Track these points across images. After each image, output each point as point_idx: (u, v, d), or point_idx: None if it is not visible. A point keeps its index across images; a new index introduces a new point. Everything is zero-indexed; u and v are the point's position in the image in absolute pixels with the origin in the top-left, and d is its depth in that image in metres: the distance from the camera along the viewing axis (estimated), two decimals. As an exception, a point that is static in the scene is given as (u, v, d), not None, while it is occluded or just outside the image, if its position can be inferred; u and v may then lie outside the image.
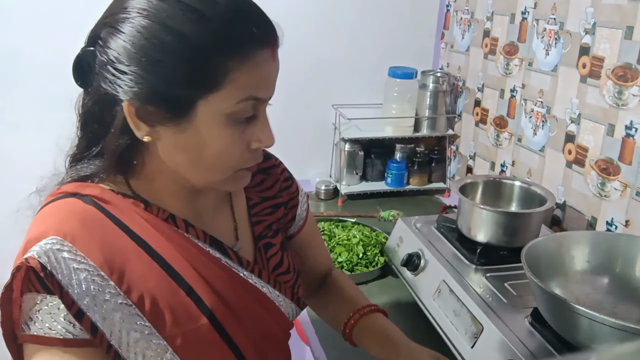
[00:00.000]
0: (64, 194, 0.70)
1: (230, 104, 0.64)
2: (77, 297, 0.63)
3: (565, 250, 1.03)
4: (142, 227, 0.69)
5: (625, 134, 1.21)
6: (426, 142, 2.00)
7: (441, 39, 2.04)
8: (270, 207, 0.87)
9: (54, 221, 0.66)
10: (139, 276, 0.66)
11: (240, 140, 0.67)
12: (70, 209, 0.68)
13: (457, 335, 1.04)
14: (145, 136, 0.65)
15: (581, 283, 1.00)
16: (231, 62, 0.62)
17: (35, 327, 0.63)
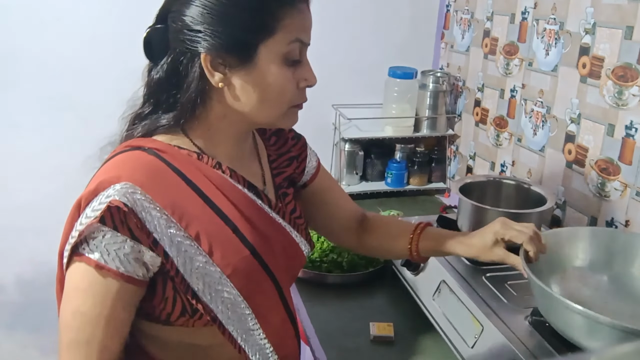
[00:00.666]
0: (130, 147, 0.82)
1: (284, 45, 0.79)
2: (151, 229, 0.75)
3: (564, 246, 1.03)
4: (195, 175, 0.81)
5: (625, 134, 1.21)
6: (426, 142, 2.00)
7: (441, 39, 2.04)
8: (286, 160, 1.01)
9: (125, 169, 0.78)
10: (194, 217, 0.79)
11: (293, 78, 0.82)
12: (137, 159, 0.80)
13: (457, 335, 1.04)
14: (220, 82, 0.79)
15: (578, 279, 1.00)
16: (282, 11, 0.78)
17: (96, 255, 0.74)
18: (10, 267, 1.91)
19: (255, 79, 0.79)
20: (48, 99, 1.78)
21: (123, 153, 0.81)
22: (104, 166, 0.81)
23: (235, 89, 0.80)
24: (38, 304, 1.98)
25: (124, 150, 0.82)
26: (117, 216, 0.73)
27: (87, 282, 0.75)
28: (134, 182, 0.75)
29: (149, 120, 0.83)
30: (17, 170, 1.81)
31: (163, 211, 0.76)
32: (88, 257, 0.74)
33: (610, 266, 1.02)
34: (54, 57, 1.75)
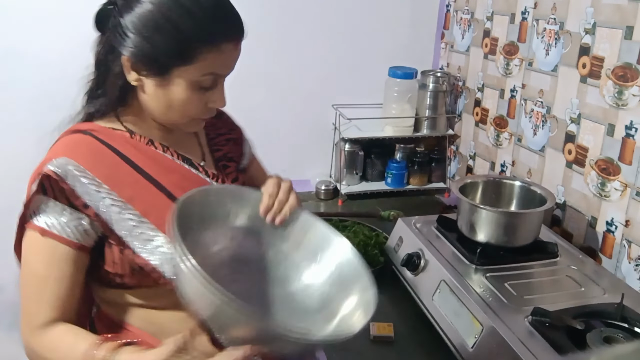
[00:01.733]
0: (71, 132, 0.94)
1: (197, 75, 0.87)
2: (80, 194, 0.86)
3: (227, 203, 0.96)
4: (128, 150, 0.92)
5: (625, 134, 1.21)
6: (426, 142, 2.00)
7: (441, 39, 2.04)
8: (225, 140, 1.12)
9: (64, 149, 0.89)
10: (127, 184, 0.90)
11: (200, 100, 0.91)
12: (76, 140, 0.91)
13: (457, 335, 1.04)
14: (134, 81, 0.89)
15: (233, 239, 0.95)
16: (204, 47, 0.86)
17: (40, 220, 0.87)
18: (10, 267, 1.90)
19: (164, 92, 0.89)
20: (47, 98, 1.78)
21: (65, 137, 0.93)
22: (51, 148, 0.93)
23: (147, 92, 0.90)
24: (38, 304, 1.98)
25: (65, 135, 0.94)
26: (53, 185, 0.85)
27: (35, 246, 0.88)
28: (69, 157, 0.87)
29: (88, 106, 0.96)
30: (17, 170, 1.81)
31: (94, 179, 0.87)
32: (34, 224, 0.88)
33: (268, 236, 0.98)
34: (53, 57, 1.75)
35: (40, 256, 0.88)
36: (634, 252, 1.20)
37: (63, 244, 0.87)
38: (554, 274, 1.17)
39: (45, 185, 0.86)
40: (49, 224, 0.87)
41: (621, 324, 0.98)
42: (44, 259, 0.88)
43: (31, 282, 0.91)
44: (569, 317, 0.96)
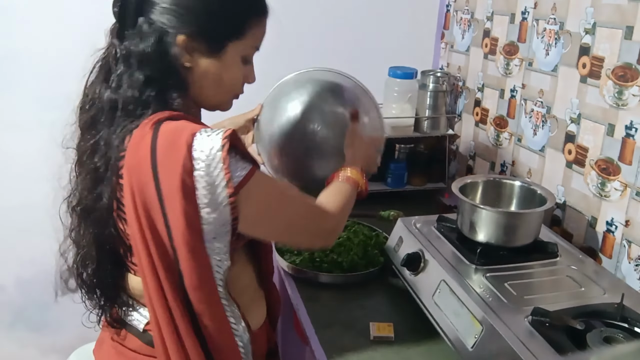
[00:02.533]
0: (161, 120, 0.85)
1: (247, 48, 0.95)
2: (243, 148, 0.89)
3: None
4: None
5: (625, 134, 1.21)
6: (426, 142, 2.00)
7: (441, 39, 2.04)
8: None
9: (191, 125, 0.84)
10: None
11: (243, 75, 0.97)
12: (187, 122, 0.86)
13: (457, 335, 1.04)
14: (187, 62, 0.90)
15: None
16: (254, 21, 0.93)
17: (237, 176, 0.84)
18: (10, 267, 1.91)
19: (217, 69, 0.92)
20: (48, 99, 1.78)
21: (165, 122, 0.84)
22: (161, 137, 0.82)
23: (198, 72, 0.92)
24: (38, 304, 1.98)
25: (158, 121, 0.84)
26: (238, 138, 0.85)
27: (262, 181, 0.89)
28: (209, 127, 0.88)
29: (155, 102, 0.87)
30: (17, 170, 1.81)
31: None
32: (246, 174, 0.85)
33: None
34: (54, 57, 1.75)
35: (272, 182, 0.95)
36: (634, 252, 1.20)
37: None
38: (554, 274, 1.17)
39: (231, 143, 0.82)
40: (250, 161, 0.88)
41: (621, 324, 0.98)
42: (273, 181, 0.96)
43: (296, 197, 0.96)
44: (569, 317, 0.96)
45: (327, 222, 1.00)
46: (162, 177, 0.82)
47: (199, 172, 0.81)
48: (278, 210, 0.93)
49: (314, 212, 0.98)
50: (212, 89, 0.94)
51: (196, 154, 0.81)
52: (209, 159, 0.81)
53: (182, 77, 0.91)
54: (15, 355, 2.03)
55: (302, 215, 0.97)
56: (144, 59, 0.87)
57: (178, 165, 0.80)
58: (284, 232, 0.97)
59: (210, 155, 0.81)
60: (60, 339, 2.01)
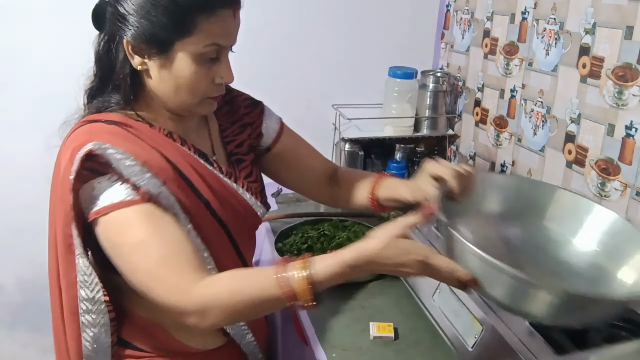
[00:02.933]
0: (88, 121, 0.90)
1: (200, 46, 0.86)
2: (128, 176, 0.83)
3: (481, 192, 1.00)
4: (154, 140, 0.90)
5: (625, 134, 1.21)
6: (426, 142, 2.00)
7: (441, 39, 2.04)
8: (238, 127, 1.09)
9: (92, 135, 0.85)
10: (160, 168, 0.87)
11: (207, 75, 0.89)
12: (100, 127, 0.87)
13: (457, 335, 1.04)
14: (139, 65, 0.88)
15: (493, 226, 0.99)
16: (201, 15, 0.85)
17: (108, 198, 0.83)
18: (10, 267, 1.91)
19: (170, 71, 0.88)
20: (47, 98, 1.78)
21: (83, 126, 0.89)
22: (69, 139, 0.89)
23: (154, 75, 0.89)
24: (38, 304, 1.98)
25: (82, 124, 0.90)
26: (95, 164, 0.83)
27: (118, 222, 0.83)
28: (103, 141, 0.83)
29: (100, 99, 0.93)
30: (17, 170, 1.81)
31: (136, 160, 0.84)
32: (99, 209, 0.83)
33: (521, 215, 1.00)
34: (54, 57, 1.75)
35: (133, 225, 0.82)
36: (634, 252, 1.20)
37: (138, 204, 0.83)
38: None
39: (88, 167, 0.83)
40: (113, 197, 0.83)
41: (621, 324, 0.98)
42: (138, 224, 0.82)
43: (139, 251, 0.82)
44: (569, 317, 0.96)
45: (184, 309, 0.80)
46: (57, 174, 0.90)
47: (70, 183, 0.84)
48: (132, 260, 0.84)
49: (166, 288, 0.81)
50: (172, 93, 0.90)
51: (74, 167, 0.84)
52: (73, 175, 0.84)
53: (137, 81, 0.90)
54: (15, 355, 2.03)
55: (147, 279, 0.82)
56: (96, 61, 0.92)
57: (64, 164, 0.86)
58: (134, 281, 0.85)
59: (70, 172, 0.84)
60: (60, 339, 2.02)
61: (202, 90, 0.91)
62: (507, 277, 0.74)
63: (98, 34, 0.92)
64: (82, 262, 0.90)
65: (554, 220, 0.99)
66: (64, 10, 1.73)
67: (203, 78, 0.89)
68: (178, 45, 0.86)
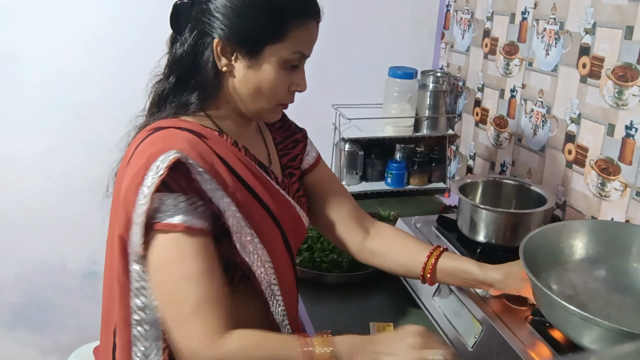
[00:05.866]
0: (162, 127, 0.88)
1: (287, 53, 0.88)
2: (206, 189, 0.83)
3: (563, 239, 1.03)
4: (222, 151, 0.90)
5: (625, 134, 1.21)
6: (426, 142, 2.00)
7: (441, 39, 2.04)
8: (292, 142, 1.11)
9: (169, 142, 0.84)
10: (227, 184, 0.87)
11: (286, 81, 0.91)
12: (176, 134, 0.86)
13: (457, 335, 1.04)
14: (224, 66, 0.89)
15: (579, 272, 1.00)
16: (294, 23, 0.87)
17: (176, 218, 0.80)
18: (10, 267, 1.91)
19: (255, 73, 0.89)
20: (48, 99, 1.78)
21: (159, 131, 0.87)
22: (144, 143, 0.86)
23: (237, 76, 0.90)
24: (38, 304, 1.98)
25: (156, 129, 0.88)
26: (179, 176, 0.80)
27: (180, 247, 0.81)
28: (182, 151, 0.82)
29: (176, 103, 0.92)
30: (17, 170, 1.81)
31: (209, 175, 0.84)
32: (172, 224, 0.80)
33: (609, 259, 1.02)
34: (54, 57, 1.75)
35: (189, 255, 0.81)
36: (634, 252, 1.20)
37: (205, 236, 0.82)
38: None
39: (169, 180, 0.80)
40: (183, 217, 0.81)
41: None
42: (193, 256, 0.81)
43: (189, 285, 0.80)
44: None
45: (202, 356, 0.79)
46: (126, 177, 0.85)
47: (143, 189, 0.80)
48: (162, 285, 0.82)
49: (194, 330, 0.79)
50: (252, 96, 0.91)
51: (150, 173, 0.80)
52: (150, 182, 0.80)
53: (218, 82, 0.90)
54: (15, 355, 2.03)
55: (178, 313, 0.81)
56: (176, 62, 0.91)
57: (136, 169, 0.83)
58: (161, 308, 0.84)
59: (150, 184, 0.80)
60: (60, 339, 2.01)
61: (279, 95, 0.92)
62: (597, 327, 0.77)
63: (173, 36, 0.92)
64: (137, 268, 0.86)
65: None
66: (64, 11, 1.73)
67: (283, 84, 0.91)
68: (267, 50, 0.87)
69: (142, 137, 0.88)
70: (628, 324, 0.76)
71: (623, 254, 1.02)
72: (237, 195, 0.88)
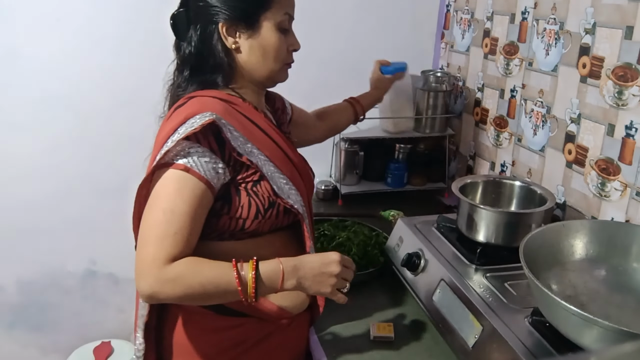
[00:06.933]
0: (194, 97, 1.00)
1: (278, 16, 1.03)
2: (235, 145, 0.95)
3: (563, 239, 1.03)
4: (249, 113, 1.04)
5: (625, 134, 1.21)
6: (426, 142, 2.00)
7: (441, 39, 2.04)
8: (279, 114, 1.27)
9: (204, 106, 0.96)
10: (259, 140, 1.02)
11: (285, 43, 1.06)
12: (209, 101, 0.98)
13: (457, 335, 1.04)
14: (232, 44, 1.02)
15: (579, 272, 1.01)
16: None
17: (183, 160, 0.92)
18: (10, 267, 1.91)
19: (259, 42, 1.03)
20: (48, 99, 1.78)
21: (194, 98, 0.99)
22: (183, 107, 0.98)
23: (245, 50, 1.03)
24: (38, 304, 1.98)
25: (191, 97, 1.00)
26: (211, 135, 0.93)
27: (176, 183, 0.91)
28: (216, 112, 0.94)
29: (200, 78, 1.03)
30: (17, 170, 1.81)
31: (240, 133, 0.97)
32: (178, 164, 0.91)
33: (609, 259, 1.02)
34: (54, 57, 1.75)
35: (182, 192, 0.91)
36: (634, 252, 1.20)
37: (202, 183, 0.92)
38: (554, 274, 1.17)
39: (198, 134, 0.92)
40: (192, 163, 0.92)
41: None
42: (184, 195, 0.91)
43: (167, 217, 0.90)
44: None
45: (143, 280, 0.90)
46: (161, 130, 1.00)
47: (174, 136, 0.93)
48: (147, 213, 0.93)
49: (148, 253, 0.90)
50: (261, 62, 1.04)
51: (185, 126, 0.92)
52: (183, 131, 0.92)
53: (231, 60, 1.03)
54: (15, 355, 2.03)
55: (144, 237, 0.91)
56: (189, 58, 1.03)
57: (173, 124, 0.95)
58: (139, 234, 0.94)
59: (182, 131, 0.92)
60: (60, 339, 2.01)
61: (282, 55, 1.06)
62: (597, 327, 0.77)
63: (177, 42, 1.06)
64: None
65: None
66: (65, 12, 1.73)
67: (282, 45, 1.05)
68: (262, 18, 1.02)
69: (179, 104, 0.99)
70: (628, 324, 0.76)
71: (623, 254, 1.02)
72: (267, 148, 1.02)
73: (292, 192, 1.03)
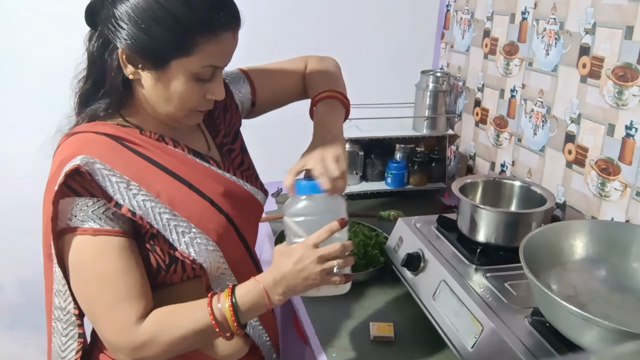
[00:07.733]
0: (76, 133, 0.89)
1: (196, 67, 0.85)
2: (112, 194, 0.83)
3: (563, 239, 1.03)
4: (144, 147, 0.91)
5: (625, 134, 1.21)
6: (426, 142, 2.00)
7: (441, 39, 2.04)
8: (218, 118, 1.08)
9: (81, 147, 0.85)
10: (152, 180, 0.88)
11: (199, 92, 0.89)
12: (90, 139, 0.87)
13: (457, 335, 1.04)
14: (131, 74, 0.86)
15: (579, 272, 1.01)
16: (202, 37, 0.83)
17: (82, 222, 0.83)
18: (10, 267, 1.91)
19: (163, 84, 0.87)
20: (48, 99, 1.78)
21: (74, 135, 0.89)
22: (58, 149, 0.89)
23: (146, 85, 0.88)
24: (38, 304, 1.98)
25: (70, 136, 0.90)
26: (80, 180, 0.83)
27: (93, 249, 0.84)
28: (91, 155, 0.84)
29: (93, 107, 0.91)
30: (17, 171, 1.81)
31: (123, 177, 0.85)
32: (82, 227, 0.83)
33: (609, 259, 1.02)
34: (54, 57, 1.75)
35: (104, 256, 0.84)
36: (634, 252, 1.20)
37: (115, 236, 0.84)
38: (554, 274, 1.17)
39: (71, 184, 0.83)
40: (93, 223, 0.83)
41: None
42: (108, 257, 0.84)
43: (103, 285, 0.84)
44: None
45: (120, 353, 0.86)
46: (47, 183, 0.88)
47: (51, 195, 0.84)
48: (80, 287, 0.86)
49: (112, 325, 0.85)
50: (161, 102, 0.89)
51: (59, 179, 0.83)
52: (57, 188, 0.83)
53: (128, 88, 0.89)
54: (15, 355, 2.03)
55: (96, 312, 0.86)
56: (90, 63, 0.90)
57: (51, 173, 0.87)
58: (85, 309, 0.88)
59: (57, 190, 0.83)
60: (60, 339, 2.01)
61: (192, 104, 0.90)
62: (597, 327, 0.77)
63: (91, 32, 0.90)
64: (58, 271, 0.88)
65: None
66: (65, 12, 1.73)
67: (195, 95, 0.89)
68: (174, 63, 0.84)
69: (60, 143, 0.91)
70: (628, 324, 0.76)
71: (623, 254, 1.02)
72: (163, 189, 0.89)
73: (197, 240, 0.90)
